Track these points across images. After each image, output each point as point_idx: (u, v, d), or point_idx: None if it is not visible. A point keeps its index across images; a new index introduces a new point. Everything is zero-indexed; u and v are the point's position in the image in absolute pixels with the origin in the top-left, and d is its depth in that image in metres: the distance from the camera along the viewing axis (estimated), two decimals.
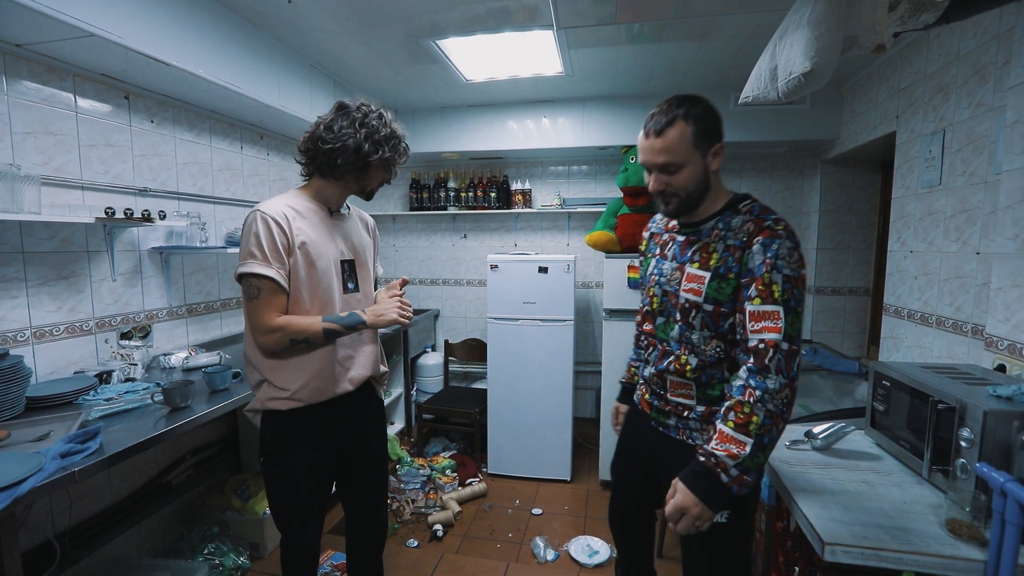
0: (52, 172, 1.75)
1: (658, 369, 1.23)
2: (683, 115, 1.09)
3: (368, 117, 1.30)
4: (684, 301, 1.15)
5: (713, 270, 1.11)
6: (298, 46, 2.41)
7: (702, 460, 1.02)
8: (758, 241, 1.05)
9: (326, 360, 1.35)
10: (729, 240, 1.11)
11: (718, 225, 1.14)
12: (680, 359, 1.18)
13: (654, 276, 1.26)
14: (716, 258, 1.11)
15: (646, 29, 2.24)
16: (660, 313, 1.24)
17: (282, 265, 1.25)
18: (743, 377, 1.03)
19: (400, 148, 1.36)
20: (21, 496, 1.04)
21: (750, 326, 1.04)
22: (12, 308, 1.65)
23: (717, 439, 1.02)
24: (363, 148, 1.28)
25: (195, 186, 2.34)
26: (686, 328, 1.16)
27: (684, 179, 1.12)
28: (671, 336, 1.20)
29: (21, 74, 1.66)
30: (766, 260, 1.03)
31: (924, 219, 2.07)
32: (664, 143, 1.09)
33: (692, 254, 1.16)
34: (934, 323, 1.98)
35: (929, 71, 2.07)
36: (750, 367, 1.02)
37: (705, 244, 1.15)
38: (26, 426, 1.39)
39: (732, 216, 1.13)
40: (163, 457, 2.17)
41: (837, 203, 3.22)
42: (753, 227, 1.08)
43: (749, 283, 1.05)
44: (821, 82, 1.16)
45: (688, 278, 1.15)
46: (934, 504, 1.18)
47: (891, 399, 1.44)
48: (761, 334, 1.02)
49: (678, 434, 1.23)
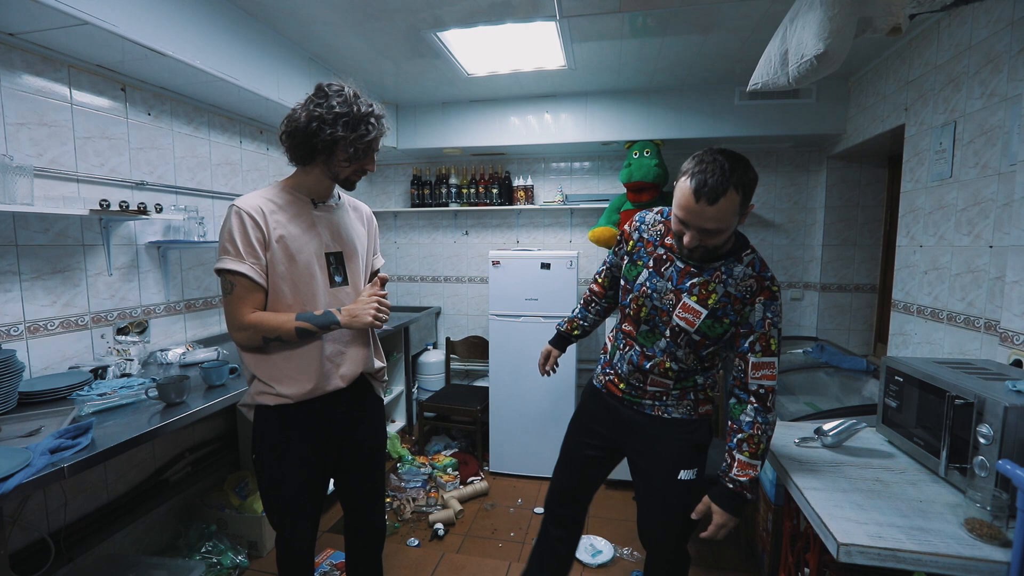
0: (46, 164, 1.72)
1: (640, 368, 1.36)
2: (735, 184, 1.11)
3: (329, 98, 1.21)
4: (676, 325, 1.27)
5: (711, 310, 1.24)
6: (297, 38, 2.38)
7: (731, 487, 1.24)
8: (760, 301, 1.22)
9: (313, 356, 1.31)
10: (730, 288, 1.23)
11: (721, 268, 1.24)
12: (664, 363, 1.33)
13: (645, 288, 1.32)
14: (715, 299, 1.24)
15: (650, 21, 2.20)
16: (646, 322, 1.33)
17: (256, 260, 1.22)
18: (751, 415, 1.24)
19: (361, 128, 1.23)
20: (7, 492, 1.01)
21: (752, 373, 1.24)
22: (5, 302, 1.62)
23: (738, 467, 1.24)
24: (310, 127, 1.20)
25: (193, 180, 2.31)
26: (673, 345, 1.30)
27: (718, 240, 1.19)
28: (656, 346, 1.33)
29: (15, 64, 1.63)
30: (767, 319, 1.22)
31: (934, 213, 2.03)
32: (716, 212, 1.12)
33: (691, 286, 1.26)
34: (945, 319, 1.94)
35: (939, 61, 2.02)
36: (756, 407, 1.24)
37: (705, 282, 1.24)
38: (17, 421, 1.36)
39: (734, 264, 1.24)
40: (161, 454, 2.15)
41: (843, 199, 3.18)
42: (756, 285, 1.23)
43: (748, 334, 1.23)
44: (834, 66, 1.12)
45: (684, 308, 1.26)
46: (952, 503, 1.14)
47: (904, 395, 1.40)
48: (761, 380, 1.23)
49: (653, 411, 1.39)
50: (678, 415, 1.37)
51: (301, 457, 1.34)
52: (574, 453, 1.57)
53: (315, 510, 1.44)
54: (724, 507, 1.25)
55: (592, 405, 1.54)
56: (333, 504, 2.56)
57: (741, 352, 1.25)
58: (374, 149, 1.31)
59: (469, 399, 3.17)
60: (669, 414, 1.38)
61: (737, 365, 1.26)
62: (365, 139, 1.25)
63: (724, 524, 1.25)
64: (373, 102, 1.28)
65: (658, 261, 1.32)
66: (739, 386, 1.27)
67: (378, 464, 1.55)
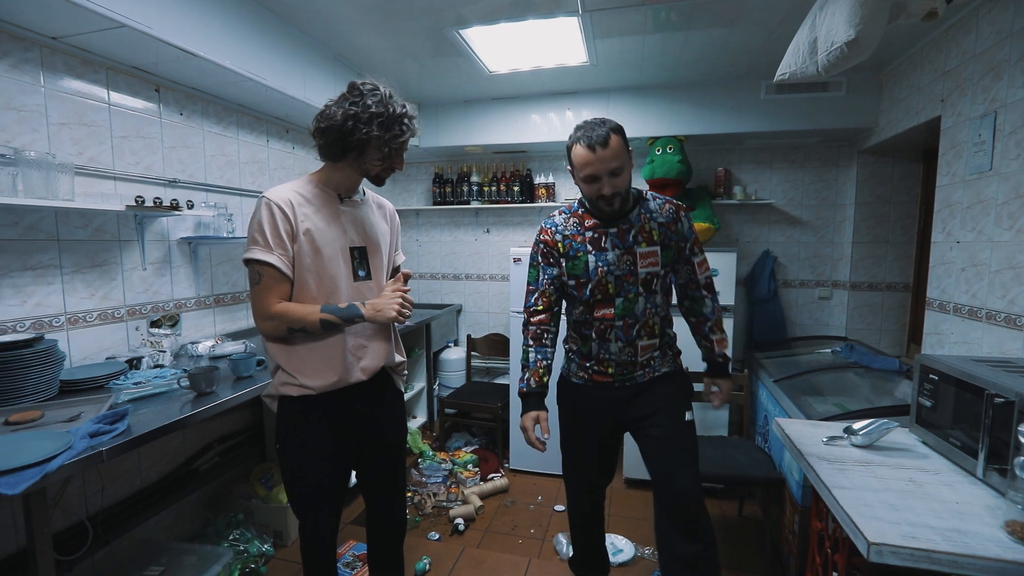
0: (86, 162, 1.79)
1: (628, 341, 1.49)
2: (612, 129, 1.36)
3: (364, 97, 1.24)
4: (645, 275, 1.46)
5: (661, 243, 1.47)
6: (322, 38, 2.43)
7: (721, 360, 1.65)
8: (683, 215, 1.52)
9: (336, 349, 1.33)
10: (659, 219, 1.48)
11: (641, 211, 1.48)
12: (648, 323, 1.50)
13: (601, 268, 1.46)
14: (657, 234, 1.47)
15: (674, 14, 2.17)
16: (617, 295, 1.47)
17: (284, 251, 1.24)
18: (710, 304, 1.59)
19: (396, 129, 1.26)
20: (51, 472, 1.06)
21: (699, 270, 1.56)
22: (48, 294, 1.70)
23: (719, 344, 1.63)
24: (346, 126, 1.22)
25: (222, 178, 2.38)
26: (650, 296, 1.48)
27: (625, 180, 1.40)
28: (636, 310, 1.48)
29: (57, 67, 1.70)
30: (691, 226, 1.54)
31: (972, 207, 1.95)
32: (613, 152, 1.35)
33: (635, 238, 1.46)
34: (984, 317, 1.86)
35: (978, 50, 1.95)
36: (712, 297, 1.59)
37: (641, 227, 1.47)
38: (59, 407, 1.42)
39: (645, 202, 1.50)
40: (191, 444, 2.21)
41: (874, 195, 3.08)
42: (672, 207, 1.52)
43: (686, 244, 1.52)
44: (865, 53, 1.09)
45: (643, 256, 1.46)
46: (990, 505, 1.09)
47: (939, 394, 1.35)
48: (705, 272, 1.58)
49: (645, 377, 1.55)
50: (666, 369, 1.57)
51: (323, 448, 1.37)
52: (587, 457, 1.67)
53: (337, 501, 1.46)
54: (725, 375, 1.65)
55: (581, 403, 1.62)
56: (356, 496, 2.60)
57: (685, 259, 1.53)
58: (405, 149, 1.34)
59: (489, 396, 3.18)
60: (658, 371, 1.56)
61: (684, 272, 1.56)
62: (399, 139, 1.28)
63: (729, 389, 1.66)
64: (406, 102, 1.31)
65: (594, 242, 1.47)
66: (692, 286, 1.58)
67: (398, 457, 1.56)
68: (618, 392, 1.55)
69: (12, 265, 1.60)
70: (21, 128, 1.61)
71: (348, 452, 1.44)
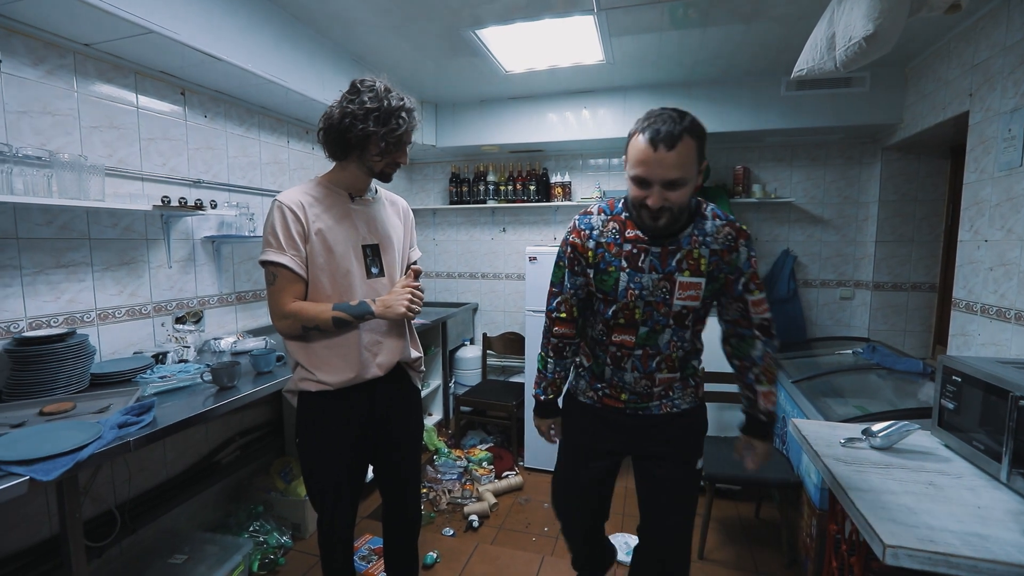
0: (116, 164, 1.86)
1: (645, 373, 1.30)
2: (688, 131, 1.08)
3: (361, 94, 1.26)
4: (680, 308, 1.23)
5: (708, 275, 1.22)
6: (341, 40, 2.47)
7: (764, 419, 1.33)
8: (742, 244, 1.23)
9: (351, 345, 1.35)
10: (713, 245, 1.21)
11: (694, 232, 1.21)
12: (671, 356, 1.30)
13: (632, 291, 1.24)
14: (705, 263, 1.21)
15: (691, 12, 2.15)
16: (643, 324, 1.27)
17: (297, 252, 1.28)
18: (760, 348, 1.29)
19: (392, 123, 1.26)
20: (82, 460, 1.11)
21: (753, 310, 1.27)
22: (80, 291, 1.77)
23: (764, 398, 1.31)
24: (343, 123, 1.25)
25: (244, 178, 2.44)
26: (679, 330, 1.27)
27: (682, 196, 1.12)
28: (660, 342, 1.28)
29: (89, 72, 1.77)
30: (752, 258, 1.25)
31: (1002, 204, 1.89)
32: (677, 158, 1.07)
33: (678, 264, 1.21)
34: (1012, 318, 1.81)
35: (1009, 42, 1.89)
36: (764, 340, 1.29)
37: (688, 252, 1.21)
38: (89, 399, 1.48)
39: (702, 222, 1.22)
40: (213, 437, 2.28)
41: (899, 193, 3.01)
42: (732, 231, 1.22)
43: (739, 278, 1.24)
44: (884, 48, 1.07)
45: (683, 287, 1.22)
46: (1014, 510, 1.07)
47: (962, 396, 1.32)
48: (762, 314, 1.28)
49: (661, 409, 1.34)
50: (686, 405, 1.36)
51: (340, 443, 1.40)
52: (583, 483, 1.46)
53: (353, 495, 1.49)
54: (764, 437, 1.34)
55: (586, 423, 1.42)
56: (373, 491, 2.64)
57: (736, 295, 1.26)
58: (406, 142, 1.34)
59: (505, 394, 3.20)
60: (678, 407, 1.34)
61: (734, 308, 1.29)
62: (396, 133, 1.28)
63: (767, 453, 1.36)
64: (405, 95, 1.31)
65: (631, 258, 1.23)
66: (741, 325, 1.30)
67: (414, 454, 1.58)
68: (630, 420, 1.36)
69: (47, 263, 1.67)
70: (55, 132, 1.68)
71: (365, 447, 1.46)
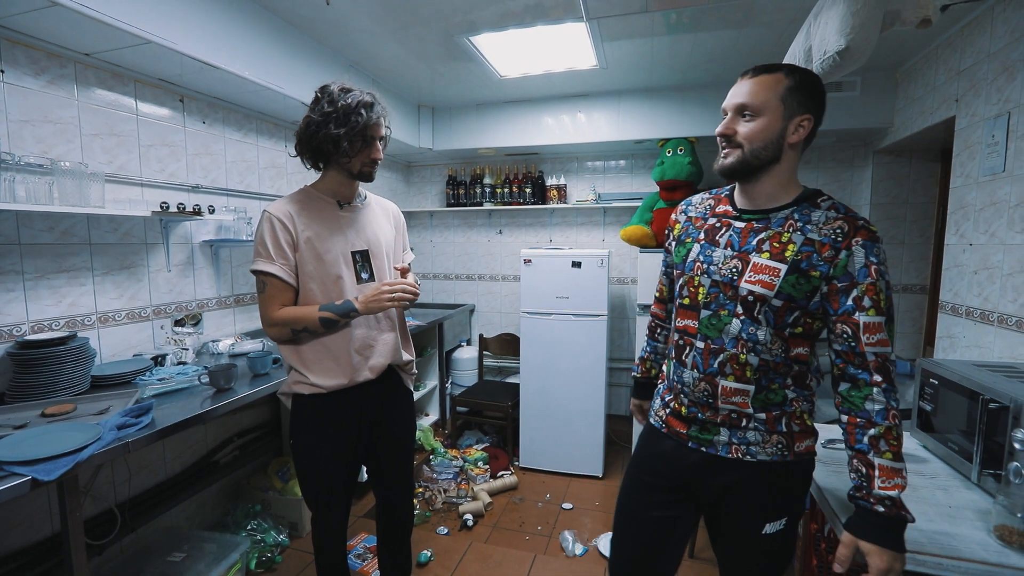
0: (115, 170, 1.90)
1: (706, 372, 1.05)
2: (787, 69, 1.00)
3: (320, 101, 1.31)
4: (747, 294, 1.00)
5: (792, 263, 0.96)
6: (337, 47, 2.50)
7: (882, 511, 0.90)
8: (858, 243, 0.94)
9: (342, 348, 1.39)
10: (811, 234, 0.97)
11: (793, 216, 1.00)
12: (739, 358, 1.02)
13: (699, 264, 1.07)
14: (794, 249, 0.97)
15: (683, 18, 2.18)
16: (706, 306, 1.05)
17: (287, 261, 1.32)
18: (882, 401, 0.93)
19: (352, 120, 1.28)
20: (83, 461, 1.15)
21: (864, 338, 0.93)
22: (81, 295, 1.81)
23: (882, 477, 0.91)
24: (308, 132, 1.31)
25: (242, 183, 2.47)
26: (751, 323, 1.00)
27: (752, 130, 0.99)
28: (727, 333, 1.03)
29: (89, 81, 1.81)
30: (872, 265, 0.93)
31: (985, 209, 1.92)
32: (753, 86, 0.99)
33: (759, 243, 1.01)
34: (995, 321, 1.84)
35: (993, 50, 1.92)
36: (885, 387, 0.93)
37: (777, 234, 1.00)
38: (89, 401, 1.52)
39: (811, 209, 1.00)
40: (212, 438, 2.32)
41: (890, 196, 3.04)
42: (847, 226, 0.95)
43: (850, 288, 0.94)
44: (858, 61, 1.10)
45: (756, 268, 0.99)
46: (983, 509, 1.10)
47: (939, 399, 1.36)
48: (876, 347, 0.93)
49: (730, 452, 1.04)
50: (765, 456, 1.03)
51: (332, 446, 1.43)
52: (635, 517, 1.19)
53: (346, 496, 1.52)
54: (881, 542, 0.89)
55: (647, 453, 1.20)
56: (368, 490, 2.68)
57: (843, 314, 0.95)
58: (373, 137, 1.35)
59: (501, 395, 3.24)
60: (753, 455, 1.03)
61: (840, 335, 0.96)
62: (356, 129, 1.30)
63: (890, 568, 0.88)
64: (366, 91, 1.33)
65: (710, 231, 1.08)
66: (851, 362, 0.95)
67: (406, 457, 1.61)
68: (692, 455, 1.09)
69: (48, 268, 1.71)
70: (57, 139, 1.72)
71: (357, 450, 1.49)
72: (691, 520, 1.16)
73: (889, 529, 0.90)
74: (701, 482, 1.10)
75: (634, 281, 3.62)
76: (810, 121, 0.99)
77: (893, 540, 0.89)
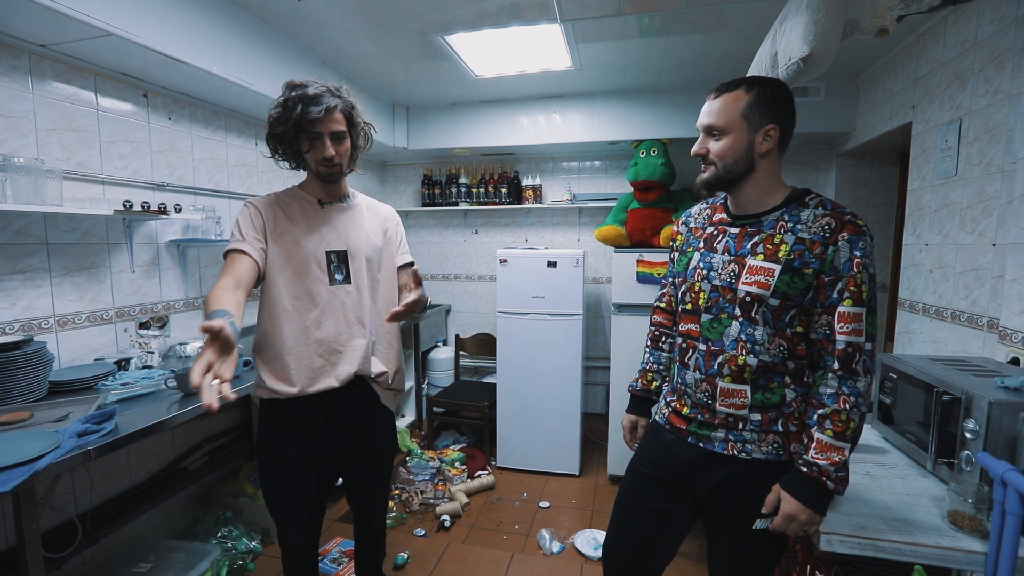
0: (74, 167, 1.82)
1: (707, 374, 1.11)
2: (747, 85, 1.06)
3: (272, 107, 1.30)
4: (745, 295, 1.05)
5: (785, 262, 1.02)
6: (310, 43, 2.46)
7: (804, 471, 1.00)
8: (843, 238, 0.99)
9: (302, 349, 1.31)
10: (801, 233, 1.02)
11: (784, 217, 1.06)
12: (737, 360, 1.07)
13: (700, 270, 1.14)
14: (786, 249, 1.03)
15: (656, 21, 2.22)
16: (707, 310, 1.12)
17: (257, 240, 1.29)
18: (834, 385, 1.00)
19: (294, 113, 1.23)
20: (40, 470, 1.10)
21: (839, 327, 0.99)
22: (37, 297, 1.73)
23: (816, 449, 0.99)
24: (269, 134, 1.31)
25: (211, 181, 2.41)
26: (748, 324, 1.06)
27: (722, 148, 1.06)
28: (726, 335, 1.08)
29: (45, 73, 1.73)
30: (855, 259, 0.99)
31: (940, 211, 2.02)
32: (716, 105, 1.07)
33: (753, 247, 1.07)
34: (949, 317, 1.93)
35: (946, 59, 2.01)
36: (840, 374, 1.00)
37: (769, 236, 1.06)
38: (48, 408, 1.45)
39: (799, 209, 1.05)
40: (180, 443, 2.25)
41: (853, 197, 3.15)
42: (834, 222, 1.00)
43: (835, 282, 1.00)
44: (821, 67, 1.15)
45: (751, 270, 1.05)
46: (937, 496, 1.16)
47: (898, 392, 1.42)
48: (849, 336, 0.99)
49: (726, 448, 1.10)
50: (761, 455, 1.08)
51: (289, 454, 1.35)
52: (634, 508, 1.25)
53: (312, 511, 1.44)
54: (796, 495, 1.00)
55: (649, 447, 1.26)
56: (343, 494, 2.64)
57: (829, 306, 1.01)
58: (320, 132, 1.27)
59: (477, 395, 3.23)
60: (748, 453, 1.08)
61: (821, 324, 1.03)
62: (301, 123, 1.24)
63: (794, 516, 1.00)
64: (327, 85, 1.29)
65: (708, 239, 1.15)
66: (824, 349, 1.03)
67: (377, 476, 1.51)
68: (689, 452, 1.15)
69: (1, 268, 1.63)
70: (10, 134, 1.64)
71: (325, 465, 1.40)
72: (688, 516, 1.21)
73: (809, 487, 1.00)
74: (697, 477, 1.15)
75: (609, 280, 3.67)
76: (776, 129, 1.05)
77: (808, 498, 1.00)
